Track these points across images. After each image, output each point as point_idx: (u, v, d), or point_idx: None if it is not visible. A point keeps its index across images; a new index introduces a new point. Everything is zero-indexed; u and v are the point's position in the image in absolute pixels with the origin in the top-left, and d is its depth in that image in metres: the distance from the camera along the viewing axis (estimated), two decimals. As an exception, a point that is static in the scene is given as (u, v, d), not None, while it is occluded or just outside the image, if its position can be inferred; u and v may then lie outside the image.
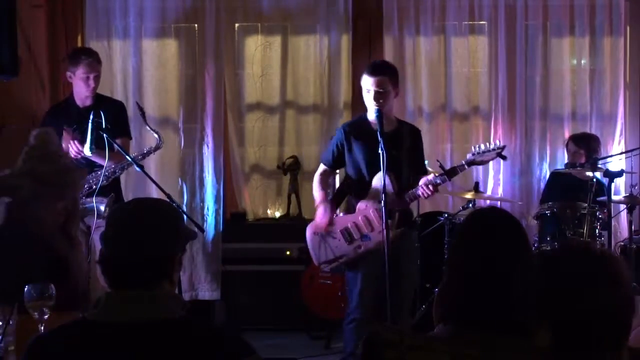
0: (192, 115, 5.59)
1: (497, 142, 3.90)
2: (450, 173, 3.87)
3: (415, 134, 4.07)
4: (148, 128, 4.42)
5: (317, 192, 4.05)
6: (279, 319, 5.37)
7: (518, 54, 5.53)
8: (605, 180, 4.63)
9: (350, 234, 3.94)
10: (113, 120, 4.46)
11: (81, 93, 4.51)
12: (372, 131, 3.81)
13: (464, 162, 3.88)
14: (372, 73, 3.85)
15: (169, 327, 1.79)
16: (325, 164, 4.09)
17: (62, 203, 2.66)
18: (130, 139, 4.67)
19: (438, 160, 4.00)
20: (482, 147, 3.85)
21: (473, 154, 3.86)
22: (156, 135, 4.39)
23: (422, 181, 3.84)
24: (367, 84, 3.87)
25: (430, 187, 3.78)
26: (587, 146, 5.08)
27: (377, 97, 3.83)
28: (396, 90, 3.95)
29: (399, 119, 4.14)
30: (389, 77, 3.86)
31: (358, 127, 3.98)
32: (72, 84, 4.55)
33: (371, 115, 3.87)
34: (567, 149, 5.26)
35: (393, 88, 3.89)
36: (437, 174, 3.85)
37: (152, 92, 5.60)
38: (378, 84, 3.83)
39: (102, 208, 4.30)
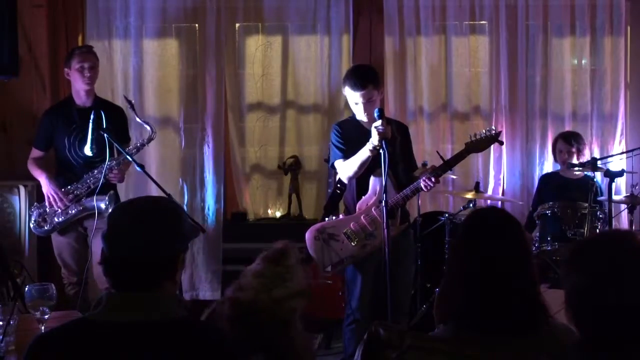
0: (192, 115, 5.58)
1: (493, 127, 3.91)
2: (450, 162, 3.88)
3: (403, 129, 4.09)
4: (138, 120, 4.43)
5: (355, 158, 3.84)
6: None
7: (519, 54, 5.52)
8: (603, 180, 4.63)
9: (355, 234, 3.93)
10: (119, 126, 4.49)
11: (79, 87, 4.47)
12: (365, 130, 3.80)
13: (462, 150, 3.88)
14: (356, 87, 3.82)
15: (170, 327, 1.79)
16: (340, 160, 3.96)
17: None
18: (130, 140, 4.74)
19: (438, 152, 3.99)
20: (478, 134, 3.88)
21: (470, 141, 3.87)
22: (147, 127, 4.39)
23: (422, 174, 3.84)
24: (354, 97, 3.86)
25: (433, 178, 3.77)
26: (577, 143, 5.09)
27: (367, 108, 3.84)
28: (381, 91, 3.93)
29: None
30: (372, 85, 3.83)
31: (351, 127, 3.97)
32: (71, 82, 4.52)
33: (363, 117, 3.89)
34: (555, 149, 5.24)
35: (378, 92, 3.89)
36: (435, 166, 3.85)
37: (153, 92, 5.59)
38: (365, 97, 3.82)
39: (103, 206, 4.31)
